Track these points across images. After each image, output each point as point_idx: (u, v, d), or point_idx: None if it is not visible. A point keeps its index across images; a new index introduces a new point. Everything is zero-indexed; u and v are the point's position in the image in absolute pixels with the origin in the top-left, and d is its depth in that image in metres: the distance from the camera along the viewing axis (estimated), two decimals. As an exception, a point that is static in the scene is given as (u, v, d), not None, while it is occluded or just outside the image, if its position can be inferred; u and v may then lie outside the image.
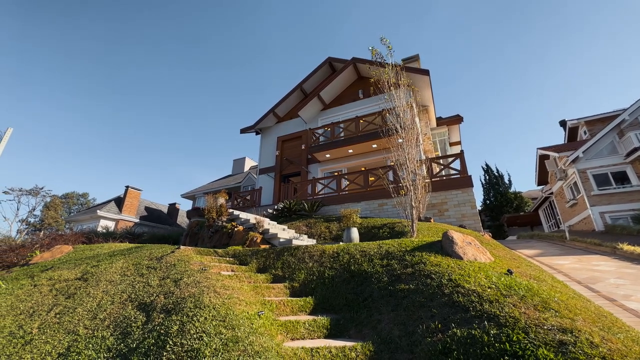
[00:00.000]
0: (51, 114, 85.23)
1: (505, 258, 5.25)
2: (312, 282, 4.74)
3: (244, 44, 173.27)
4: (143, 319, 3.50)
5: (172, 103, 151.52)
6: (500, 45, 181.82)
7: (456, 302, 3.07)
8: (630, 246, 7.71)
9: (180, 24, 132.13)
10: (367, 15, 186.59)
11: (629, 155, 13.93)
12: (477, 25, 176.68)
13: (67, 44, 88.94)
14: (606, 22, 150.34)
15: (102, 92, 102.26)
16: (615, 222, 13.62)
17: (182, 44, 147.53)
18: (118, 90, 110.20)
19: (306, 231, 9.13)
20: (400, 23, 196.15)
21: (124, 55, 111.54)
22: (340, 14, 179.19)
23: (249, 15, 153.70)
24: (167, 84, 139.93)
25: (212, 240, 8.42)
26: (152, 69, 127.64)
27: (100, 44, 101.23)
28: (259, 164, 17.41)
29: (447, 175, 10.35)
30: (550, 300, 2.92)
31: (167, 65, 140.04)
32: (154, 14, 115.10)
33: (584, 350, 2.10)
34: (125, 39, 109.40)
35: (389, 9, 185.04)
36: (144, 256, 5.75)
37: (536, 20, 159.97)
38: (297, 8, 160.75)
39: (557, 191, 19.12)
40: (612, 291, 4.91)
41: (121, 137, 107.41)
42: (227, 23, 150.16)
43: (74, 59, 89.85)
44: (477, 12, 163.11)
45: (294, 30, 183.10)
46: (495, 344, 2.36)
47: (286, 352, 2.79)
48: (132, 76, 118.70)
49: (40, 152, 79.99)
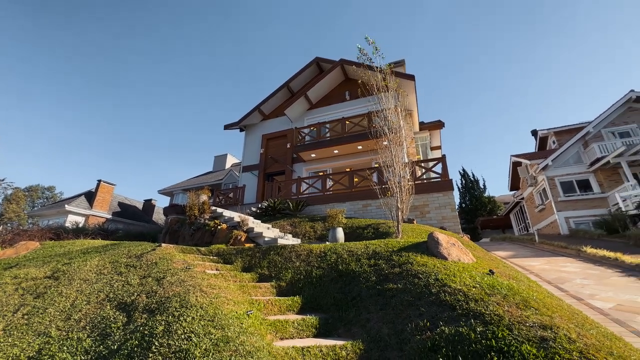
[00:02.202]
0: (19, 106, 79.14)
1: (484, 259, 5.49)
2: (299, 282, 4.73)
3: (227, 40, 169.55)
4: (124, 320, 3.34)
5: (147, 95, 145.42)
6: (476, 55, 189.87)
7: (443, 301, 3.18)
8: (593, 249, 8.31)
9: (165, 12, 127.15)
10: (354, 20, 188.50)
11: (592, 165, 15.02)
12: (455, 35, 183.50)
13: (37, 30, 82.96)
14: (578, 36, 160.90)
15: (71, 79, 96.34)
16: (579, 226, 14.64)
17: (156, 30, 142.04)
18: (89, 79, 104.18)
19: (291, 230, 9.09)
20: (384, 30, 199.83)
21: (95, 45, 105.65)
22: (328, 17, 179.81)
23: (241, 13, 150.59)
24: (144, 75, 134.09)
25: (194, 238, 8.17)
26: (128, 61, 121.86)
27: (68, 34, 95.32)
28: (243, 161, 17.10)
29: (429, 179, 10.67)
30: (530, 299, 3.09)
31: (146, 56, 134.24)
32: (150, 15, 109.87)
33: (563, 345, 2.25)
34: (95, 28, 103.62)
35: (374, 17, 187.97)
36: (122, 254, 5.48)
37: (506, 36, 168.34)
38: (288, 8, 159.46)
39: (528, 196, 20.26)
40: (578, 290, 5.27)
41: (93, 129, 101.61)
42: (216, 19, 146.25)
43: (42, 47, 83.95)
44: (456, 23, 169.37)
45: (281, 30, 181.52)
46: (482, 340, 2.47)
47: (277, 351, 2.76)
48: (105, 66, 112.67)
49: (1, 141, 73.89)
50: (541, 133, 20.25)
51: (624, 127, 15.51)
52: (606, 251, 7.85)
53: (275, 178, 15.93)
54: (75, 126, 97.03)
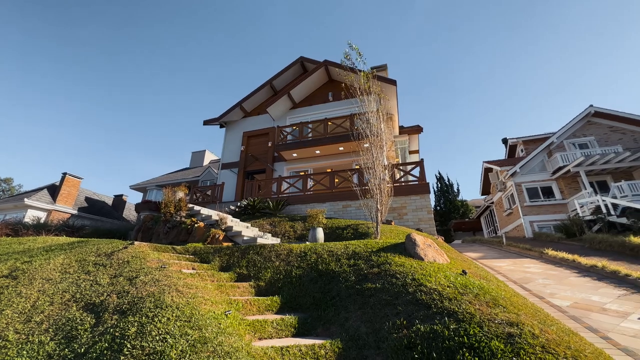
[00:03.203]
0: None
1: (457, 260, 5.74)
2: (278, 281, 4.71)
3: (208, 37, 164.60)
4: (92, 321, 3.16)
5: (121, 86, 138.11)
6: (454, 65, 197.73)
7: (419, 300, 3.29)
8: (554, 251, 8.94)
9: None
10: (340, 20, 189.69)
11: (555, 173, 16.13)
12: (434, 45, 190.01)
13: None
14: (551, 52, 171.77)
15: (42, 70, 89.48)
16: (542, 230, 15.67)
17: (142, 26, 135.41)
18: (57, 69, 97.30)
19: (270, 230, 9.00)
20: (369, 34, 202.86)
21: (69, 37, 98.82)
22: (316, 16, 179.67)
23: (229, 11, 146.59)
24: (115, 66, 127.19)
25: (169, 237, 7.87)
26: (95, 53, 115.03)
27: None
28: (222, 158, 16.70)
29: (407, 182, 10.98)
30: (499, 297, 3.28)
31: (113, 46, 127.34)
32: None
33: (528, 340, 2.41)
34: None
35: (360, 19, 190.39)
36: (90, 252, 5.18)
37: (480, 50, 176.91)
38: (276, 7, 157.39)
39: (497, 201, 21.39)
40: (540, 290, 5.65)
41: (59, 121, 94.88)
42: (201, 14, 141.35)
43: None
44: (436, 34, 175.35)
45: (266, 28, 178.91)
46: (455, 337, 2.59)
47: (256, 351, 2.74)
48: (74, 55, 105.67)
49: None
50: (511, 141, 21.47)
51: (583, 139, 16.80)
52: (565, 253, 8.48)
53: (255, 176, 15.71)
54: (41, 119, 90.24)
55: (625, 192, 12.41)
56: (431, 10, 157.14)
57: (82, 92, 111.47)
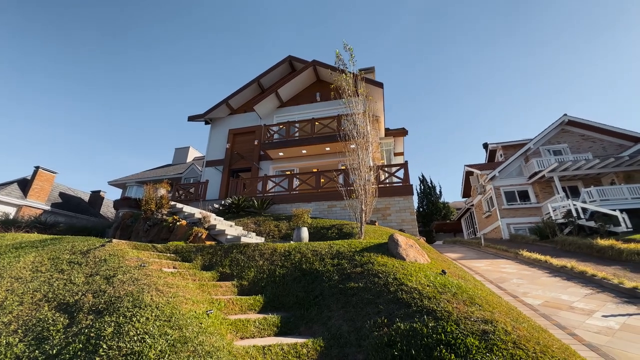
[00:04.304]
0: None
1: (438, 260, 5.92)
2: (262, 281, 4.69)
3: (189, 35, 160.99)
4: (65, 322, 3.05)
5: (101, 77, 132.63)
6: (446, 73, 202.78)
7: (400, 299, 3.38)
8: (528, 252, 9.36)
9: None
10: (325, 25, 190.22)
11: (531, 178, 16.87)
12: (419, 52, 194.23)
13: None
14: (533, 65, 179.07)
15: (14, 59, 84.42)
16: (517, 232, 16.35)
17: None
18: (31, 59, 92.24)
19: (255, 229, 8.93)
20: (358, 36, 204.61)
21: (50, 27, 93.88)
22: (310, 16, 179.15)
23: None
24: (94, 56, 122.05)
25: (149, 235, 7.65)
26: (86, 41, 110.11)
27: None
28: (207, 155, 16.39)
29: (392, 183, 11.17)
30: (476, 296, 3.41)
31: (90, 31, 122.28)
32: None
33: (501, 337, 2.53)
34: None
35: (344, 26, 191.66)
36: (64, 249, 4.97)
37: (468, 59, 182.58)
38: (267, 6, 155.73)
39: (477, 203, 22.13)
40: (514, 289, 5.91)
41: (34, 113, 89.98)
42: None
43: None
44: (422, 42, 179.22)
45: (254, 26, 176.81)
46: (433, 334, 2.68)
47: (238, 351, 2.72)
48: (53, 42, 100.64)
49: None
50: (491, 146, 22.26)
51: (558, 146, 17.67)
52: (538, 254, 8.89)
53: (240, 175, 15.51)
54: (12, 111, 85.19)
55: (594, 197, 13.16)
56: (422, 12, 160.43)
57: (58, 85, 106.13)
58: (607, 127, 16.77)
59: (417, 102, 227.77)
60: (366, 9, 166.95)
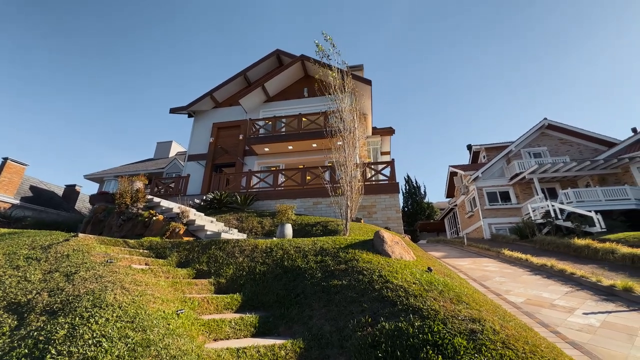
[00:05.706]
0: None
1: (423, 258, 5.84)
2: (241, 278, 4.44)
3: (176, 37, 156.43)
4: (13, 324, 2.71)
5: (79, 67, 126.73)
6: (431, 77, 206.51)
7: (385, 297, 3.23)
8: (510, 251, 9.51)
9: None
10: (313, 22, 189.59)
11: (512, 179, 17.30)
12: (411, 55, 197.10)
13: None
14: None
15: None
16: (499, 232, 16.73)
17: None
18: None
19: (237, 225, 8.62)
20: (348, 34, 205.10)
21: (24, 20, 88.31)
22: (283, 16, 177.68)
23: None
24: (73, 42, 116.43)
25: (123, 230, 7.20)
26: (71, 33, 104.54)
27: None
28: (189, 149, 15.81)
29: (378, 181, 11.10)
30: (462, 294, 3.31)
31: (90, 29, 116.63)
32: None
33: (489, 336, 2.41)
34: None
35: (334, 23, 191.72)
36: (23, 244, 4.54)
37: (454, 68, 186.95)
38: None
39: (460, 204, 22.54)
40: (497, 287, 5.92)
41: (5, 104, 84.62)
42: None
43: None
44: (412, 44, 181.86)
45: (242, 21, 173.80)
46: (419, 334, 2.53)
47: (208, 354, 2.49)
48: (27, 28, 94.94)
49: None
50: (475, 148, 22.71)
51: (538, 149, 18.20)
52: (519, 253, 9.04)
53: (224, 170, 15.05)
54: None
55: (570, 199, 13.59)
56: (411, 13, 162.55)
57: (36, 75, 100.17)
58: (584, 131, 17.41)
59: (403, 103, 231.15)
60: (359, 7, 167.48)
